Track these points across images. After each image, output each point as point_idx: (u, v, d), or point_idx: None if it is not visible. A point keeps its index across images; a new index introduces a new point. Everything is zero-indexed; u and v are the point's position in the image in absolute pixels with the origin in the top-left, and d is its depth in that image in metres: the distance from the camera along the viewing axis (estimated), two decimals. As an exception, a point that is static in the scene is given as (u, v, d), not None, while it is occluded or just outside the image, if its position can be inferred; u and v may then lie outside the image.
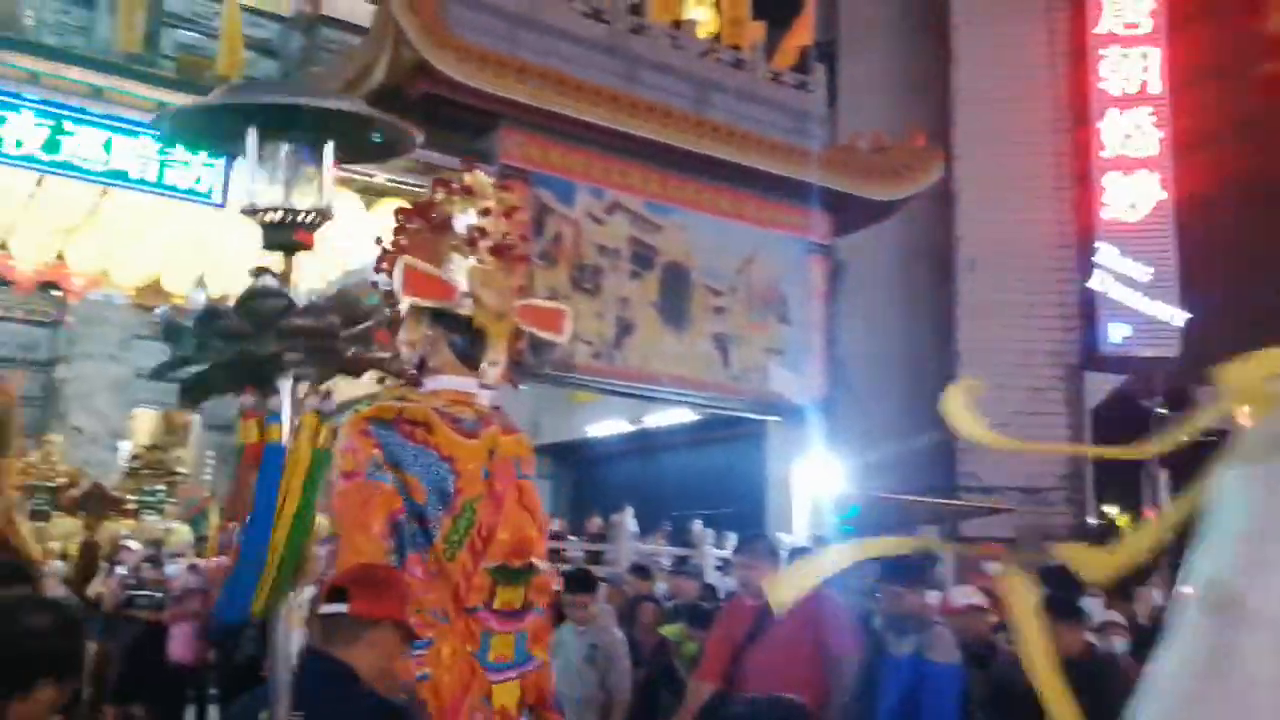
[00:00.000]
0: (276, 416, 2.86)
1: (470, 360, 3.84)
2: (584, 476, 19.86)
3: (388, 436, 3.59)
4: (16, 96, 10.03)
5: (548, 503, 17.50)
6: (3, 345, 15.28)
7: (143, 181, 10.73)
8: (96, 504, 12.85)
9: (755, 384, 12.93)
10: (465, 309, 3.79)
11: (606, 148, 11.96)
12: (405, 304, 3.74)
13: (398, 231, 4.00)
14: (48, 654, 2.32)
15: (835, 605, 4.96)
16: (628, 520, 12.49)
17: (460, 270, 3.81)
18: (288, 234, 3.03)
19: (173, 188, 10.91)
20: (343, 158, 3.19)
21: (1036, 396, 16.32)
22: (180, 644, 9.63)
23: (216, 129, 3.08)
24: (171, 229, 11.95)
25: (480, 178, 4.06)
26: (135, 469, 16.79)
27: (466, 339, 3.83)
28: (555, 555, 11.62)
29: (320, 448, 2.83)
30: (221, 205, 10.75)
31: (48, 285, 14.04)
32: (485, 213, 3.93)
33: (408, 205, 4.24)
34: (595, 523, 13.28)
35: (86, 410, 16.38)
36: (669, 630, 6.55)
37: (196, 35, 17.51)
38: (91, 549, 10.89)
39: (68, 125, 10.21)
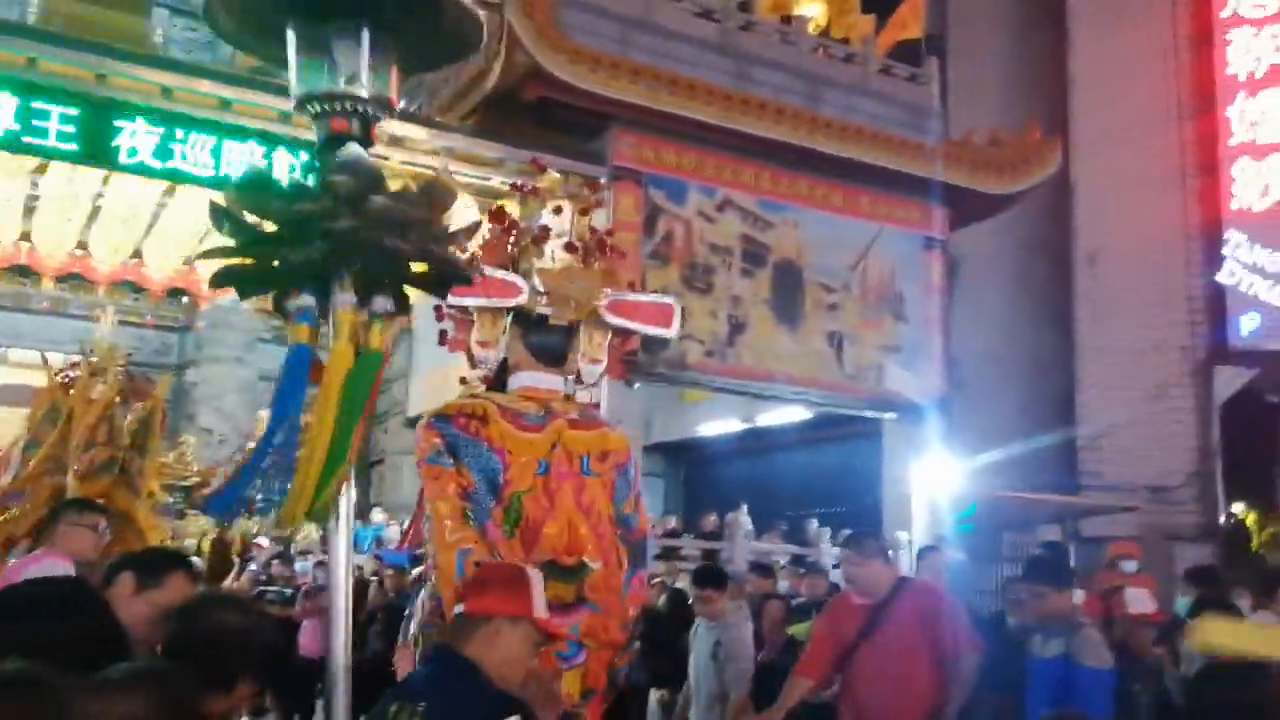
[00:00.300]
0: (305, 315, 2.87)
1: (551, 356, 3.90)
2: (696, 475, 19.80)
3: (447, 429, 3.73)
4: (132, 105, 10.27)
5: (659, 502, 17.57)
6: (138, 350, 15.89)
7: (247, 185, 10.93)
8: (228, 503, 13.22)
9: (871, 382, 12.78)
10: (542, 307, 3.86)
11: (718, 146, 11.96)
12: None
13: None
14: (246, 650, 2.35)
15: (951, 604, 4.81)
16: (743, 519, 12.43)
17: (532, 270, 3.88)
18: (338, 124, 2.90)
19: (274, 192, 11.08)
20: (408, 59, 3.02)
21: (1163, 393, 15.79)
22: (309, 638, 9.89)
23: (275, 26, 2.95)
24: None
25: (553, 177, 4.15)
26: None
27: (548, 337, 3.90)
28: (671, 554, 11.63)
29: (372, 349, 2.85)
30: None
31: (178, 291, 14.55)
32: (557, 211, 4.01)
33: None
34: (710, 521, 13.25)
35: (215, 412, 16.97)
36: (798, 629, 6.50)
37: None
38: (224, 546, 11.21)
39: (179, 132, 10.44)
